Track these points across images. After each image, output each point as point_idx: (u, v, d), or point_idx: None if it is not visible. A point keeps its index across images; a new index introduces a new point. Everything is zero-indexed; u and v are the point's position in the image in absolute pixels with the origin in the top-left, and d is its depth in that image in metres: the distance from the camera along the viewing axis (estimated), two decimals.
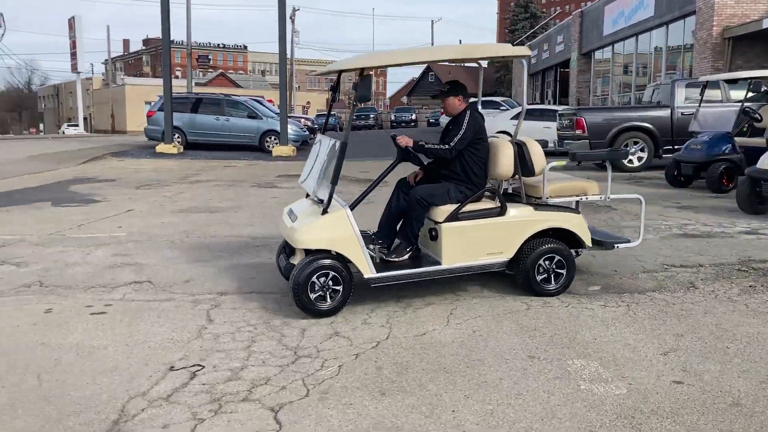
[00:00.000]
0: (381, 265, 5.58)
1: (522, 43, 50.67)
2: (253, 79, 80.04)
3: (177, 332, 5.11)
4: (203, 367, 4.46)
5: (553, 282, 5.80)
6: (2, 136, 51.42)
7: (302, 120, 36.33)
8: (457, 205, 5.61)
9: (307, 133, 28.81)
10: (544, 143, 6.12)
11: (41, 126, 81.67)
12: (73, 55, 57.09)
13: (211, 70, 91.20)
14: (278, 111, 24.61)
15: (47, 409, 3.87)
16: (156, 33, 75.06)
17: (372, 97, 5.66)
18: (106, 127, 65.43)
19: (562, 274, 5.80)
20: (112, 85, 68.61)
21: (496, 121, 22.13)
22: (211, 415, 3.77)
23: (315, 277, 5.22)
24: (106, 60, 73.15)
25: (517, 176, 5.84)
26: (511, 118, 22.00)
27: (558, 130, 18.20)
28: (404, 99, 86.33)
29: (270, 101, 32.20)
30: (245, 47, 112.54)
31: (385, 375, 4.32)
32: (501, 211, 5.66)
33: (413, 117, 55.37)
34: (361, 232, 5.46)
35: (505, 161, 5.72)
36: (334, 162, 5.32)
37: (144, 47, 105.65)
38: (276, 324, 5.29)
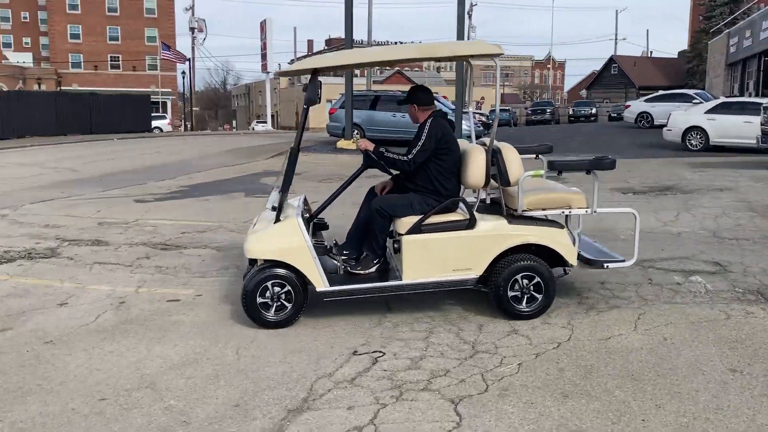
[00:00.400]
0: (346, 277, 5.29)
1: (720, 31, 46.61)
2: (429, 76, 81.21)
3: (359, 319, 5.30)
4: (384, 354, 4.59)
5: (524, 304, 5.15)
6: (201, 132, 56.76)
7: (476, 116, 36.24)
8: (420, 217, 5.16)
9: (481, 128, 28.68)
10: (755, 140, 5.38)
11: (234, 123, 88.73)
12: (264, 56, 61.30)
13: (387, 67, 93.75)
14: (453, 107, 24.73)
15: (245, 382, 4.18)
16: (337, 33, 78.40)
17: (319, 101, 5.03)
18: (291, 123, 69.66)
19: (538, 297, 5.15)
20: (297, 84, 72.91)
21: (688, 115, 20.56)
22: (393, 401, 3.87)
23: (265, 286, 5.00)
24: (292, 60, 77.89)
25: (497, 186, 5.38)
26: (706, 112, 20.32)
27: (762, 125, 16.51)
28: (583, 93, 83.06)
29: (444, 97, 32.45)
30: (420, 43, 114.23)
31: (567, 377, 4.17)
32: (470, 224, 5.12)
33: (593, 111, 52.91)
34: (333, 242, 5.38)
35: (475, 170, 5.22)
36: (284, 169, 5.18)
37: (326, 47, 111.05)
38: (453, 317, 5.31)
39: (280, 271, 5.03)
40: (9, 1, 71.80)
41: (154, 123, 46.23)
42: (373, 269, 5.41)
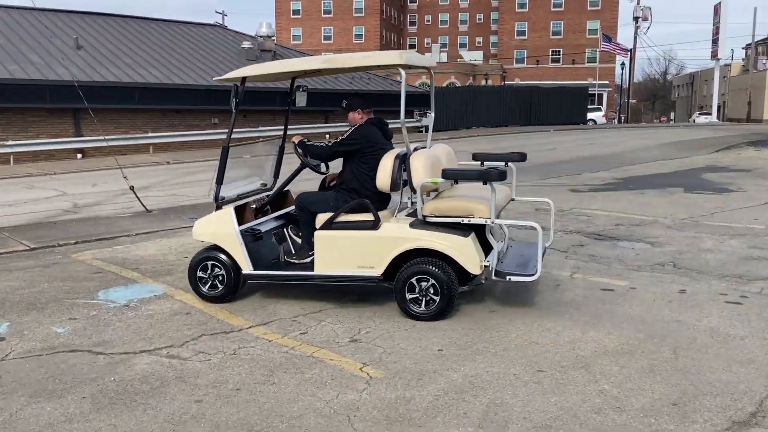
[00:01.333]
0: (285, 264, 5.88)
1: None
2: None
3: None
4: None
5: (425, 306, 5.20)
6: (635, 124, 55.13)
7: None
8: (332, 214, 5.45)
9: None
10: None
11: (672, 114, 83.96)
12: (715, 41, 56.48)
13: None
14: None
15: (683, 382, 4.01)
16: None
17: (234, 108, 5.76)
18: (740, 115, 62.75)
19: (436, 300, 5.16)
20: (752, 71, 65.19)
21: None
22: None
23: (205, 264, 5.76)
24: (748, 45, 69.80)
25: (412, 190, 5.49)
26: None
27: None
28: None
29: None
30: None
31: None
32: (374, 225, 5.35)
33: None
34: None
35: (382, 174, 5.41)
36: (219, 164, 5.79)
37: None
38: None
39: (220, 254, 5.76)
40: (467, 5, 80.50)
41: (589, 115, 46.64)
42: (308, 260, 5.71)
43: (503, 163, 5.93)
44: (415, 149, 5.70)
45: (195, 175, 17.19)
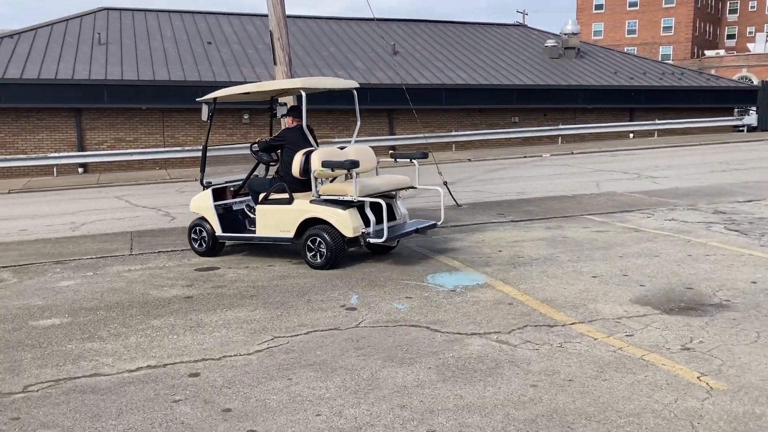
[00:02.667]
0: (244, 230, 8.33)
1: None
2: None
3: None
4: None
5: (319, 258, 7.30)
6: None
7: None
8: (265, 193, 7.83)
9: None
10: None
11: None
12: None
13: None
14: None
15: None
16: None
17: (206, 120, 8.13)
18: None
19: (324, 253, 7.23)
20: None
21: None
22: None
23: (195, 229, 8.36)
24: None
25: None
26: None
27: None
28: None
29: None
30: None
31: None
32: (289, 202, 7.55)
33: None
34: None
35: (294, 165, 7.54)
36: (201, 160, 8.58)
37: None
38: None
39: (204, 222, 8.26)
40: None
41: None
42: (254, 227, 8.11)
43: (408, 159, 8.15)
44: (340, 148, 7.86)
45: (497, 172, 17.74)
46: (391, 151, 9.54)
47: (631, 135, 28.34)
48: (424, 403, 3.92)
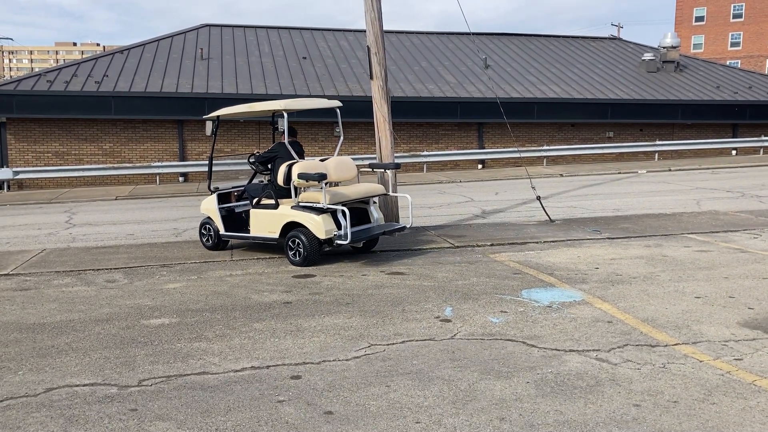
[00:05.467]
0: (243, 229, 9.46)
1: None
2: None
3: None
4: None
5: (297, 257, 8.46)
6: None
7: None
8: (257, 198, 9.04)
9: None
10: None
11: None
12: None
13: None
14: None
15: None
16: None
17: (210, 134, 9.46)
18: None
19: (302, 252, 8.37)
20: None
21: None
22: None
23: (205, 227, 9.73)
24: None
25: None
26: None
27: None
28: None
29: None
30: None
31: None
32: (276, 207, 8.71)
33: None
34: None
35: (280, 175, 8.62)
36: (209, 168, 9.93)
37: None
38: None
39: (211, 222, 9.59)
40: None
41: None
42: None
43: (383, 170, 9.58)
44: (322, 160, 8.87)
45: (590, 188, 17.33)
46: (369, 163, 9.87)
47: (734, 152, 27.02)
48: (523, 417, 3.90)
